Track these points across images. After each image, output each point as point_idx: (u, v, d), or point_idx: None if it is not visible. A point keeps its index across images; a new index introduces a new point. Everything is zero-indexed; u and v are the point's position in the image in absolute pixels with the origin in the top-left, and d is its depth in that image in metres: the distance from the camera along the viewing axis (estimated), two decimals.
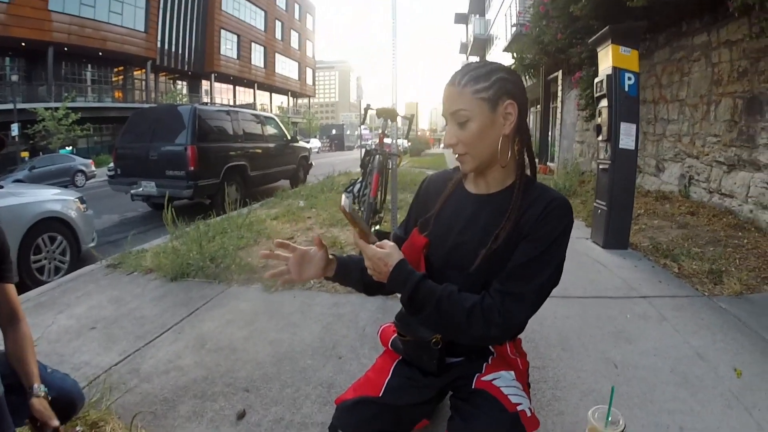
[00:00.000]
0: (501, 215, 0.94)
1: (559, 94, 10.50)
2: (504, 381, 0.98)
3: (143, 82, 30.79)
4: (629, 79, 3.54)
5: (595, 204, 3.94)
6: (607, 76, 3.58)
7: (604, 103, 3.69)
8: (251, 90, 42.28)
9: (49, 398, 1.20)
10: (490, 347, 1.07)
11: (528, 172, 1.01)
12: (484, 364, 1.03)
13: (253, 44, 41.06)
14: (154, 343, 2.33)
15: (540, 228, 0.91)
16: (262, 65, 43.07)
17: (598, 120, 3.82)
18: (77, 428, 1.55)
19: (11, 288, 1.34)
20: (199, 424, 1.65)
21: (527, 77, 11.13)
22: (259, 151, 8.30)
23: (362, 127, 4.34)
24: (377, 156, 3.80)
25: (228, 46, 37.47)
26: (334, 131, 43.49)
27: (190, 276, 3.31)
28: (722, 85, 4.77)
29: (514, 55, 10.82)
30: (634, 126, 3.59)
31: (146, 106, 13.76)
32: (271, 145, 8.80)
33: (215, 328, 2.48)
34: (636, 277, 2.99)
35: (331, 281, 1.14)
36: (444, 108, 0.95)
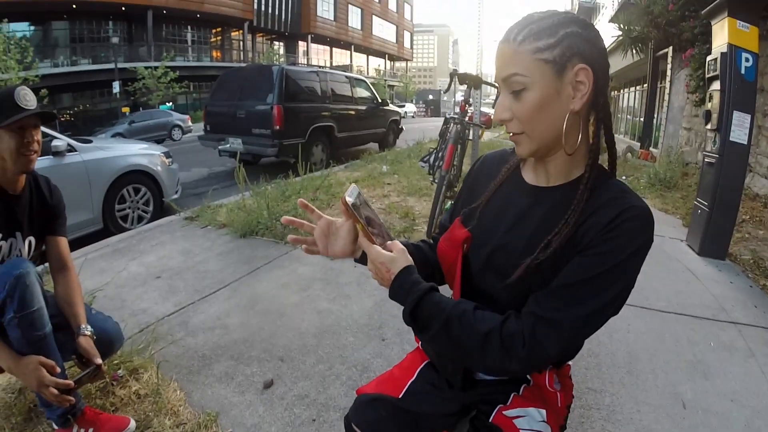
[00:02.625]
0: (559, 216, 0.74)
1: (668, 73, 9.33)
2: (529, 422, 0.81)
3: (240, 43, 32.26)
4: (747, 60, 2.98)
5: (695, 202, 3.44)
6: (722, 54, 3.05)
7: (715, 86, 3.15)
8: (348, 52, 42.45)
9: (94, 337, 1.33)
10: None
11: (603, 163, 0.78)
12: (513, 395, 0.87)
13: (349, 6, 40.97)
14: (209, 298, 2.42)
15: (604, 242, 0.69)
16: (359, 27, 42.95)
17: (708, 105, 3.28)
18: (119, 371, 1.67)
19: (63, 241, 1.50)
20: (227, 386, 1.68)
21: (634, 52, 10.00)
22: (348, 112, 8.21)
23: (459, 94, 3.97)
24: (455, 126, 3.53)
25: (324, 7, 37.74)
26: (430, 96, 42.84)
27: (259, 234, 3.41)
28: None
29: (621, 26, 9.73)
30: (748, 117, 3.04)
31: (241, 65, 14.41)
32: (361, 107, 8.69)
33: (270, 289, 2.52)
34: (729, 297, 2.58)
35: (363, 265, 0.92)
36: (496, 72, 0.74)
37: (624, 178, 6.57)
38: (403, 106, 30.82)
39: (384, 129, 9.77)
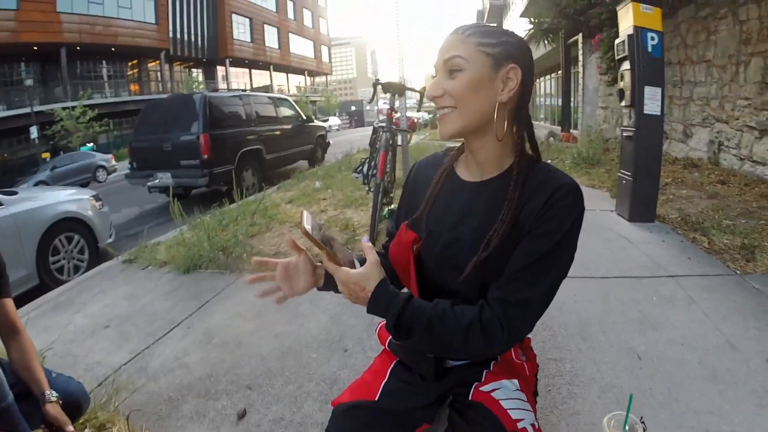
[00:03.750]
0: (499, 206, 0.81)
1: (580, 58, 10.05)
2: (505, 392, 0.86)
3: (158, 73, 31.03)
4: (652, 39, 3.28)
5: (619, 174, 3.73)
6: (629, 36, 3.33)
7: (626, 65, 3.44)
8: (267, 72, 41.92)
9: (61, 402, 1.24)
10: None
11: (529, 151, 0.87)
12: (485, 372, 0.92)
13: (265, 26, 40.50)
14: (163, 339, 2.31)
15: (544, 222, 0.77)
16: (276, 46, 42.53)
17: (621, 84, 3.58)
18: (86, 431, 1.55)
19: (8, 302, 1.36)
20: (201, 424, 1.62)
21: (546, 42, 10.66)
22: (274, 133, 8.24)
23: (381, 102, 3.99)
24: (384, 133, 3.63)
25: (241, 30, 37.11)
26: (353, 108, 43.25)
27: (202, 267, 3.29)
28: (751, 44, 4.42)
29: (532, 19, 10.36)
30: (659, 90, 3.34)
31: (162, 97, 13.93)
32: (286, 126, 8.73)
33: (223, 321, 2.45)
34: (663, 254, 2.81)
35: (328, 291, 0.96)
36: (438, 57, 0.81)
37: (549, 161, 6.99)
38: (327, 120, 30.95)
39: (312, 145, 9.84)
